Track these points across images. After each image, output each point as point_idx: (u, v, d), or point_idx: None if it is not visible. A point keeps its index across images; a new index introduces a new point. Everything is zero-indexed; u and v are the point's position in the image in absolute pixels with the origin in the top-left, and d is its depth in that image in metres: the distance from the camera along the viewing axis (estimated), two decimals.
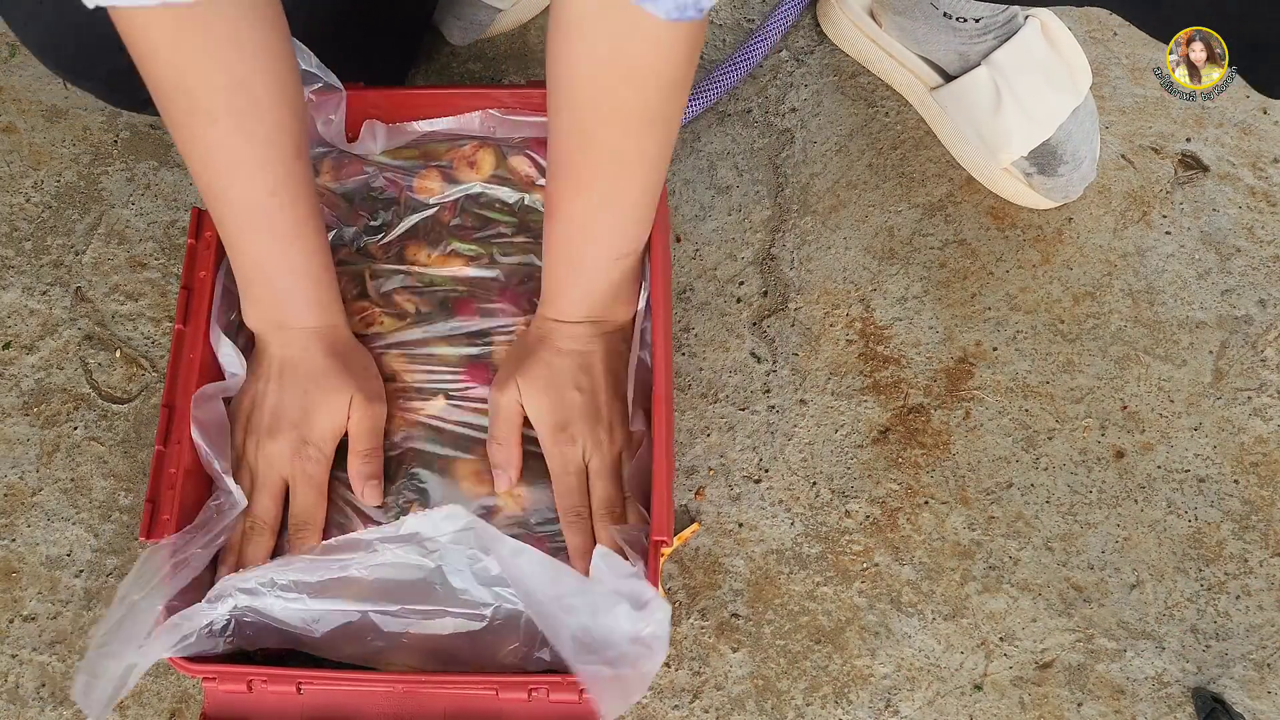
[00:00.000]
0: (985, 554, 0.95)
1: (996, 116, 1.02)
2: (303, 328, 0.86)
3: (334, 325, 0.88)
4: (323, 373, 0.86)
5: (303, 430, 0.85)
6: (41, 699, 0.91)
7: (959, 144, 1.07)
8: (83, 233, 1.06)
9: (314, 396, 0.85)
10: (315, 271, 0.86)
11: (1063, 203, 1.06)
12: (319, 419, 0.85)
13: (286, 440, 0.85)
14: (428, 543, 0.82)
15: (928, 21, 1.02)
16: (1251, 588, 0.95)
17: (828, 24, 1.12)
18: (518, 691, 0.80)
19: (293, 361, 0.86)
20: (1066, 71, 1.02)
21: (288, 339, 0.86)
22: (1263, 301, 1.04)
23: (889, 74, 1.10)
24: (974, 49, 1.02)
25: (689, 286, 1.04)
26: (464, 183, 0.97)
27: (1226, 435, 0.99)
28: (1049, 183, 1.03)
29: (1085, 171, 1.04)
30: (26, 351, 1.02)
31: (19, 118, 1.11)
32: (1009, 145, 1.02)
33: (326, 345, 0.87)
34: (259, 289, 0.86)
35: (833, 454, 0.99)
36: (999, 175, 1.05)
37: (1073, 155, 1.02)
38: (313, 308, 0.86)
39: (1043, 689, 0.91)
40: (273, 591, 0.81)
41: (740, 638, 0.93)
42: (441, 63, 1.13)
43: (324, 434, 0.86)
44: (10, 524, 0.96)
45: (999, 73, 1.01)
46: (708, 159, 1.09)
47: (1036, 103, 1.01)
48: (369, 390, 0.87)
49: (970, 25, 1.00)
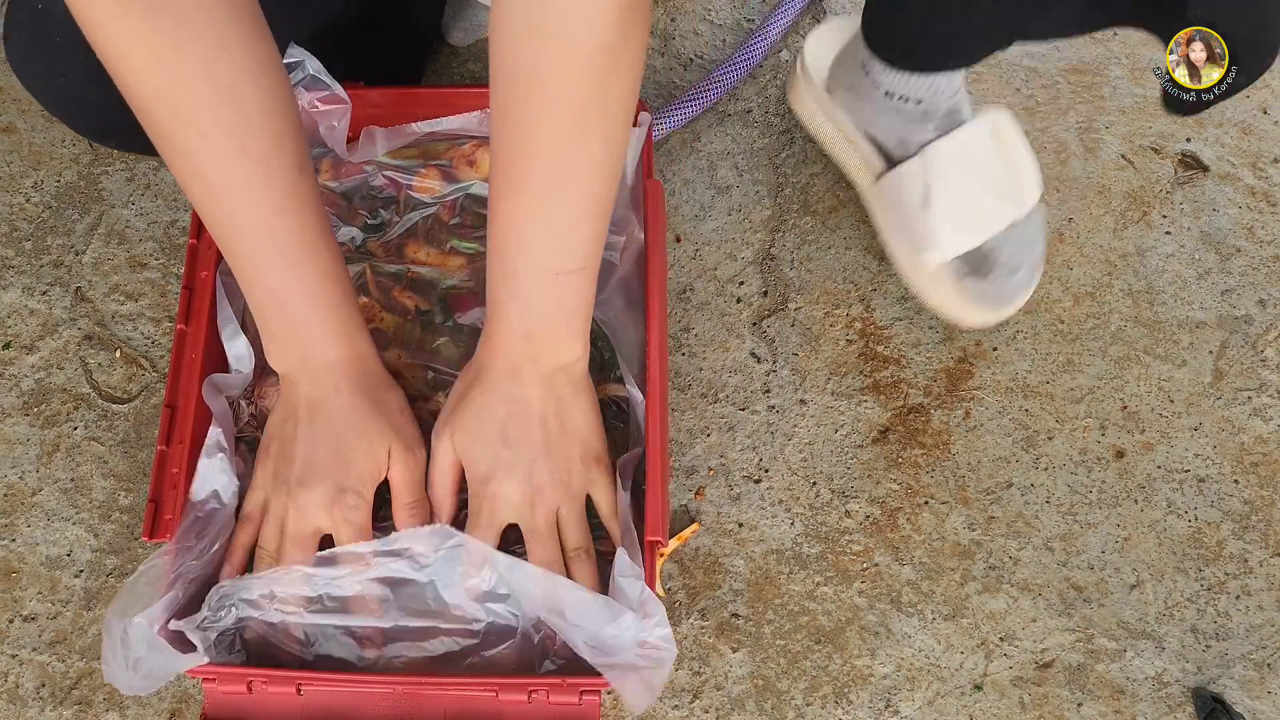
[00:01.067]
0: (985, 554, 0.95)
1: (924, 213, 0.94)
2: (329, 363, 0.81)
3: (362, 357, 0.83)
4: (358, 416, 0.81)
5: (338, 478, 0.80)
6: (41, 699, 0.91)
7: (889, 239, 1.00)
8: (83, 233, 1.06)
9: (349, 441, 0.81)
10: (335, 297, 0.80)
11: (994, 320, 0.98)
12: (356, 464, 0.80)
13: (323, 489, 0.80)
14: (419, 557, 0.82)
15: (871, 99, 0.95)
16: (1251, 588, 0.95)
17: (793, 95, 1.06)
18: (518, 693, 0.80)
19: (323, 403, 0.81)
20: (1013, 181, 0.95)
21: (315, 377, 0.81)
22: (1262, 301, 1.04)
23: (841, 156, 1.04)
24: (914, 135, 0.94)
25: (689, 286, 1.04)
26: (464, 181, 0.97)
27: (1226, 435, 0.99)
28: (980, 286, 0.95)
29: (1022, 279, 0.96)
30: (26, 351, 1.02)
31: (19, 118, 1.11)
32: (934, 246, 0.94)
33: (358, 383, 0.82)
34: (278, 324, 0.81)
35: (833, 454, 0.99)
36: (925, 280, 0.98)
37: (1008, 262, 0.95)
38: (338, 338, 0.81)
39: (1043, 689, 0.91)
40: (272, 604, 0.81)
41: (740, 638, 0.93)
42: (442, 63, 1.13)
43: (363, 479, 0.81)
44: (10, 524, 0.96)
45: (931, 166, 0.94)
46: (708, 159, 1.09)
47: (968, 207, 0.94)
48: (408, 438, 0.83)
49: (911, 106, 0.93)
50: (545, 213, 0.75)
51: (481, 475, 0.81)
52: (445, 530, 0.81)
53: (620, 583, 0.79)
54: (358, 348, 0.82)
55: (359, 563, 0.81)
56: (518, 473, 0.80)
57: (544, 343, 0.80)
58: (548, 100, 0.69)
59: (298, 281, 0.79)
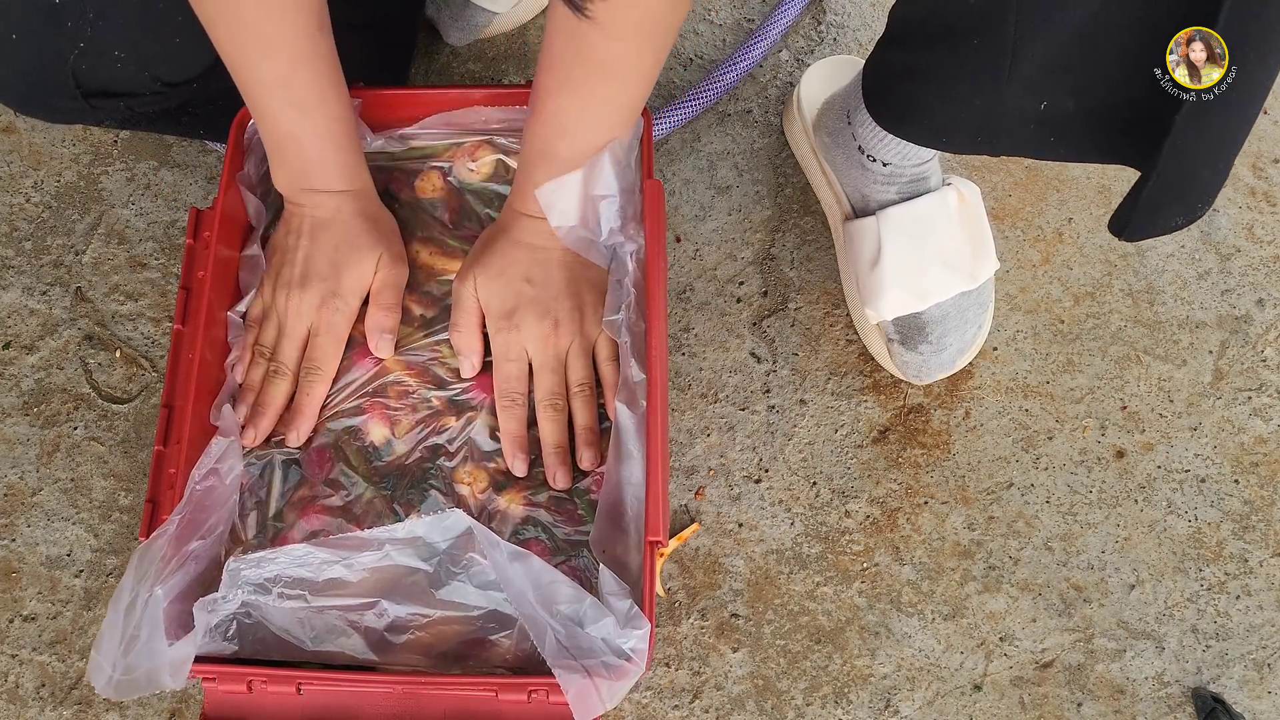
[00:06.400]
0: (985, 554, 0.95)
1: (872, 271, 0.96)
2: (332, 191, 0.90)
3: (361, 189, 0.91)
4: (354, 232, 0.90)
5: (331, 284, 0.89)
6: (41, 699, 0.91)
7: (844, 279, 1.03)
8: (83, 233, 1.06)
9: (344, 253, 0.90)
10: (341, 139, 0.89)
11: (915, 382, 0.99)
12: (348, 274, 0.90)
13: (316, 292, 0.89)
14: (428, 547, 0.82)
15: (845, 152, 0.98)
16: (1251, 588, 0.95)
17: (786, 120, 1.09)
18: (517, 693, 0.80)
19: (324, 221, 0.90)
20: (968, 254, 0.96)
21: (318, 201, 0.90)
22: (1262, 301, 1.04)
23: (819, 189, 1.06)
24: (875, 194, 0.97)
25: (689, 286, 1.04)
26: (464, 181, 0.97)
27: (1226, 435, 0.99)
28: (904, 355, 0.98)
29: (946, 359, 0.98)
30: (26, 351, 1.02)
31: (19, 118, 1.11)
32: (878, 304, 0.96)
33: (357, 207, 0.91)
34: (289, 154, 0.89)
35: (833, 454, 0.99)
36: (865, 328, 1.00)
37: (938, 338, 0.97)
38: (341, 171, 0.90)
39: (1043, 689, 0.91)
40: (277, 587, 0.81)
41: (740, 638, 0.93)
42: (442, 63, 1.13)
43: (351, 288, 0.90)
44: (10, 524, 0.96)
45: (886, 228, 0.95)
46: (708, 159, 1.09)
47: (916, 273, 0.95)
48: (395, 251, 0.92)
49: (878, 168, 0.95)
50: (592, 110, 0.83)
51: (505, 310, 0.88)
52: (457, 517, 0.82)
53: (608, 600, 0.79)
54: (359, 182, 0.91)
55: (369, 548, 0.82)
56: (539, 306, 0.87)
57: None
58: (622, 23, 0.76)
59: (309, 124, 0.87)
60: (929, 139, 0.87)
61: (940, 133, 0.84)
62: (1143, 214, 0.75)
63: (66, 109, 0.91)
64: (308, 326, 0.90)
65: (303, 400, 0.89)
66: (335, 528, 0.87)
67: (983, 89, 0.77)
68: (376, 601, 0.82)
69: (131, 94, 0.91)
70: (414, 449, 0.89)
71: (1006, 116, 0.78)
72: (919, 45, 0.82)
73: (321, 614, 0.83)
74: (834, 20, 1.14)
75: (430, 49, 1.13)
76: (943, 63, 0.79)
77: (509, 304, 0.88)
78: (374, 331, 0.90)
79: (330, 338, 0.90)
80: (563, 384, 0.88)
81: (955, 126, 0.82)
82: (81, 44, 0.88)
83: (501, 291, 0.88)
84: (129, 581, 0.79)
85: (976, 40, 0.75)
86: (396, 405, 0.90)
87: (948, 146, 0.87)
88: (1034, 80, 0.75)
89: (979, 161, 1.08)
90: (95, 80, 0.90)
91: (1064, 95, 0.75)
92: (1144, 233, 0.77)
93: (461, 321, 0.90)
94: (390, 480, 0.89)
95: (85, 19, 0.87)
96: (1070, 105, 0.76)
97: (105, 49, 0.88)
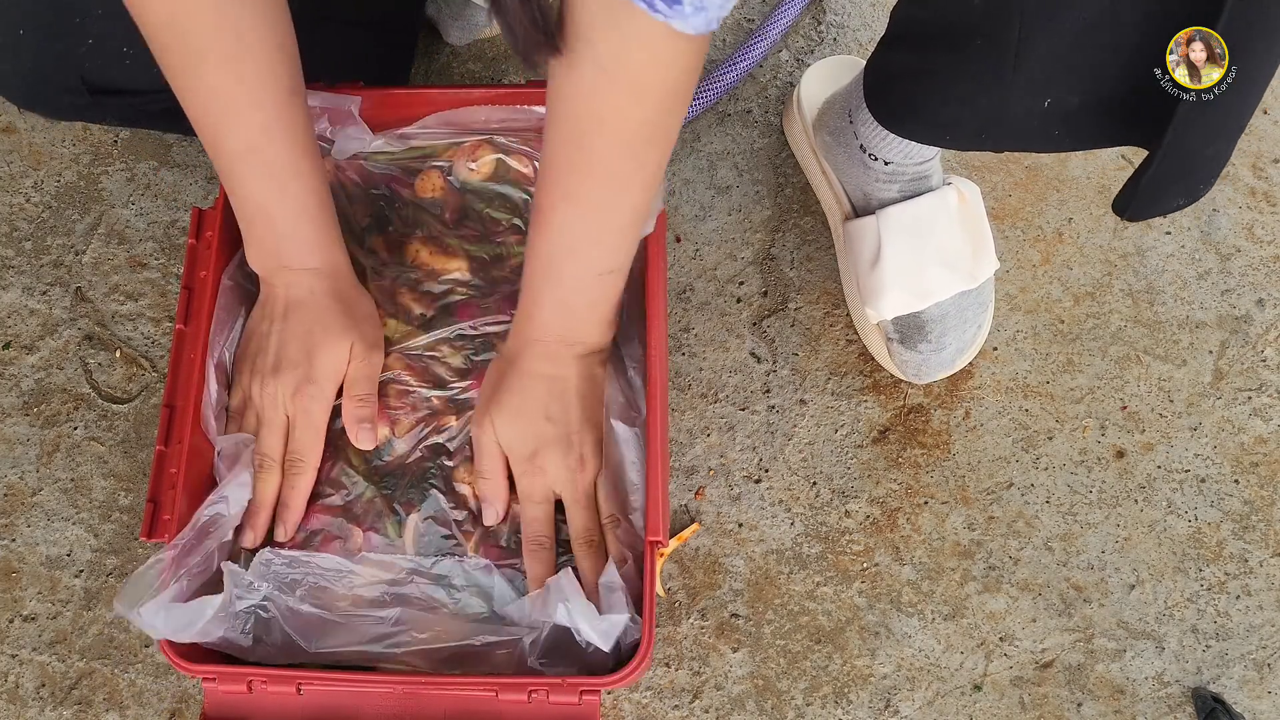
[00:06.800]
0: (985, 554, 0.95)
1: (872, 270, 0.96)
2: (305, 269, 0.87)
3: (336, 265, 0.89)
4: (328, 315, 0.88)
5: (304, 369, 0.87)
6: (41, 699, 0.91)
7: (843, 279, 1.03)
8: (83, 233, 1.06)
9: (317, 338, 0.87)
10: (313, 211, 0.86)
11: (915, 382, 0.99)
12: (320, 360, 0.87)
13: (290, 379, 0.87)
14: (454, 589, 0.85)
15: (846, 150, 0.97)
16: (1251, 588, 0.95)
17: (786, 120, 1.08)
18: (518, 693, 0.80)
19: (298, 303, 0.88)
20: (968, 254, 0.96)
21: (292, 280, 0.88)
22: (1262, 301, 1.04)
23: (818, 190, 1.05)
24: (877, 192, 0.96)
25: (689, 286, 1.04)
26: (464, 181, 0.97)
27: (1226, 435, 0.99)
28: (904, 354, 0.97)
29: (946, 358, 0.97)
30: (26, 351, 1.02)
31: (19, 118, 1.11)
32: (878, 303, 0.96)
33: (330, 287, 0.88)
34: (260, 230, 0.87)
35: (833, 454, 0.99)
36: (865, 327, 1.00)
37: (938, 338, 0.96)
38: (314, 248, 0.87)
39: (1043, 689, 0.91)
40: (300, 589, 0.83)
41: (740, 638, 0.93)
42: (442, 63, 1.13)
43: (325, 374, 0.88)
44: (10, 524, 0.96)
45: (886, 227, 0.95)
46: (708, 159, 1.09)
47: (916, 272, 0.95)
48: (370, 338, 0.89)
49: (879, 167, 0.95)
50: (595, 223, 0.80)
51: (528, 452, 0.85)
52: (488, 566, 0.85)
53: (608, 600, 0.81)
54: (333, 258, 0.89)
55: (393, 571, 0.85)
56: (562, 444, 0.85)
57: (580, 331, 0.85)
58: (618, 129, 0.74)
59: (279, 195, 0.85)
60: (932, 137, 0.87)
61: (943, 131, 0.84)
62: (1145, 195, 0.76)
63: (72, 106, 0.91)
64: (286, 414, 0.88)
65: (289, 495, 0.87)
66: (335, 527, 0.87)
67: (986, 88, 0.77)
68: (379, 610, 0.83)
69: (138, 91, 0.91)
70: (414, 448, 0.89)
71: (1010, 114, 0.78)
72: (921, 46, 0.82)
73: (334, 624, 0.83)
74: (834, 20, 1.14)
75: (430, 49, 1.13)
76: (946, 63, 0.79)
77: (531, 446, 0.85)
78: (352, 423, 0.88)
79: (308, 429, 0.88)
80: (595, 519, 0.86)
81: (958, 125, 0.82)
82: (90, 41, 0.88)
83: (523, 433, 0.85)
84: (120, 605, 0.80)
85: (980, 40, 0.75)
86: (396, 404, 0.90)
87: (951, 144, 0.87)
88: (1038, 79, 0.75)
89: (979, 161, 1.08)
90: (103, 77, 0.90)
91: (1067, 92, 0.75)
92: (1147, 212, 0.79)
93: (486, 468, 0.86)
94: (390, 480, 0.89)
95: (93, 16, 0.87)
96: (1074, 101, 0.76)
97: (113, 46, 0.88)
